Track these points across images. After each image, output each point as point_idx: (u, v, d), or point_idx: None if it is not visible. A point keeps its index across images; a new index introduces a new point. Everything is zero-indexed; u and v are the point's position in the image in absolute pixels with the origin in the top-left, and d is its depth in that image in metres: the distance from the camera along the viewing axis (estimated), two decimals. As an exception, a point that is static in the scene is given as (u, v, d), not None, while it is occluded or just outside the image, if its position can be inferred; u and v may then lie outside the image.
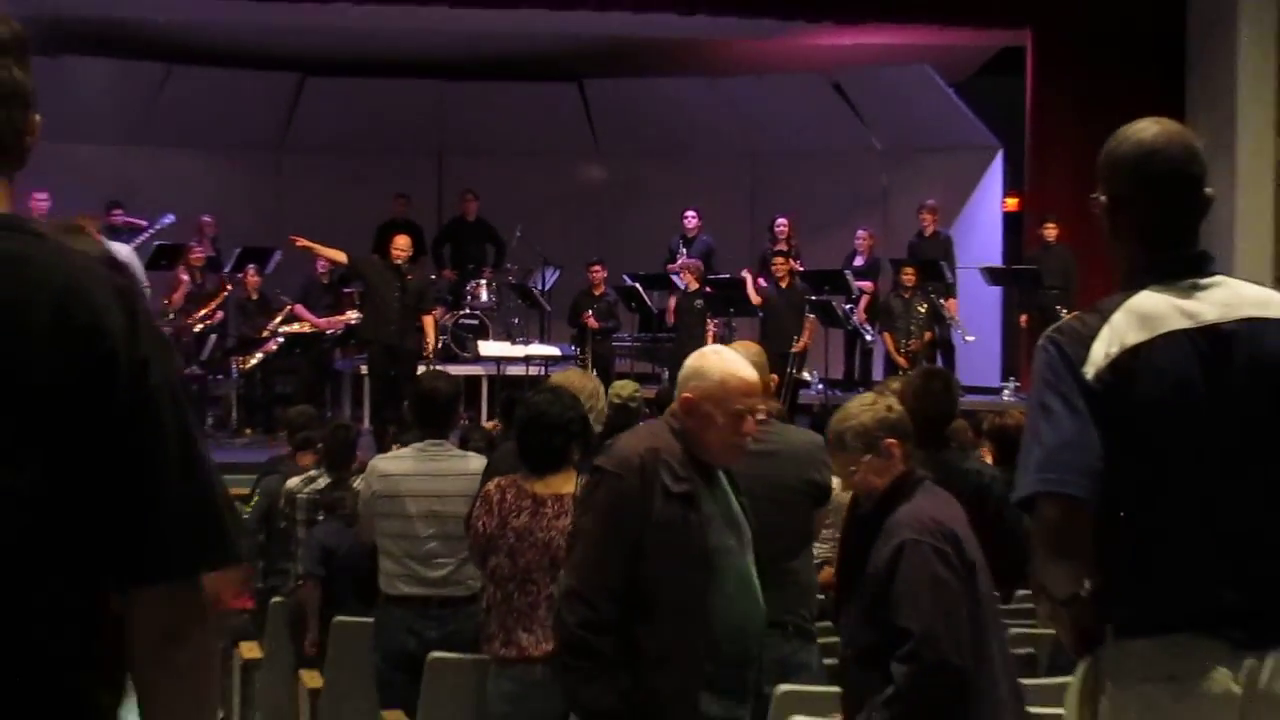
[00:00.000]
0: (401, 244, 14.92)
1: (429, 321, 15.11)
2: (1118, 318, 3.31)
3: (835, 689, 4.88)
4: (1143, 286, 3.35)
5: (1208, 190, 3.44)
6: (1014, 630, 7.27)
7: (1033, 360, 3.44)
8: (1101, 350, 3.28)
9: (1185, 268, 3.39)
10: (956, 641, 4.38)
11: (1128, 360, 3.27)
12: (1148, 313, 3.31)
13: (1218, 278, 3.39)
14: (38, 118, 2.34)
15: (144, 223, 15.39)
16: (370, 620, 7.57)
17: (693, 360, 4.92)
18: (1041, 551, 3.35)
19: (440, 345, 15.91)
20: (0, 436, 2.11)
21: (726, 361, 4.94)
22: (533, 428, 5.84)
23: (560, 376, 7.56)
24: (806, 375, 15.98)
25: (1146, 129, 3.46)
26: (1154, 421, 3.28)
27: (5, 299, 2.13)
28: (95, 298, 2.16)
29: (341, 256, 15.26)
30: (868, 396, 4.93)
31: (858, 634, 4.59)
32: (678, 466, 4.72)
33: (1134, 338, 3.28)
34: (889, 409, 4.69)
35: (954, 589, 4.42)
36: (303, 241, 15.21)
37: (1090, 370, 3.27)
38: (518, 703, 5.72)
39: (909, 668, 4.33)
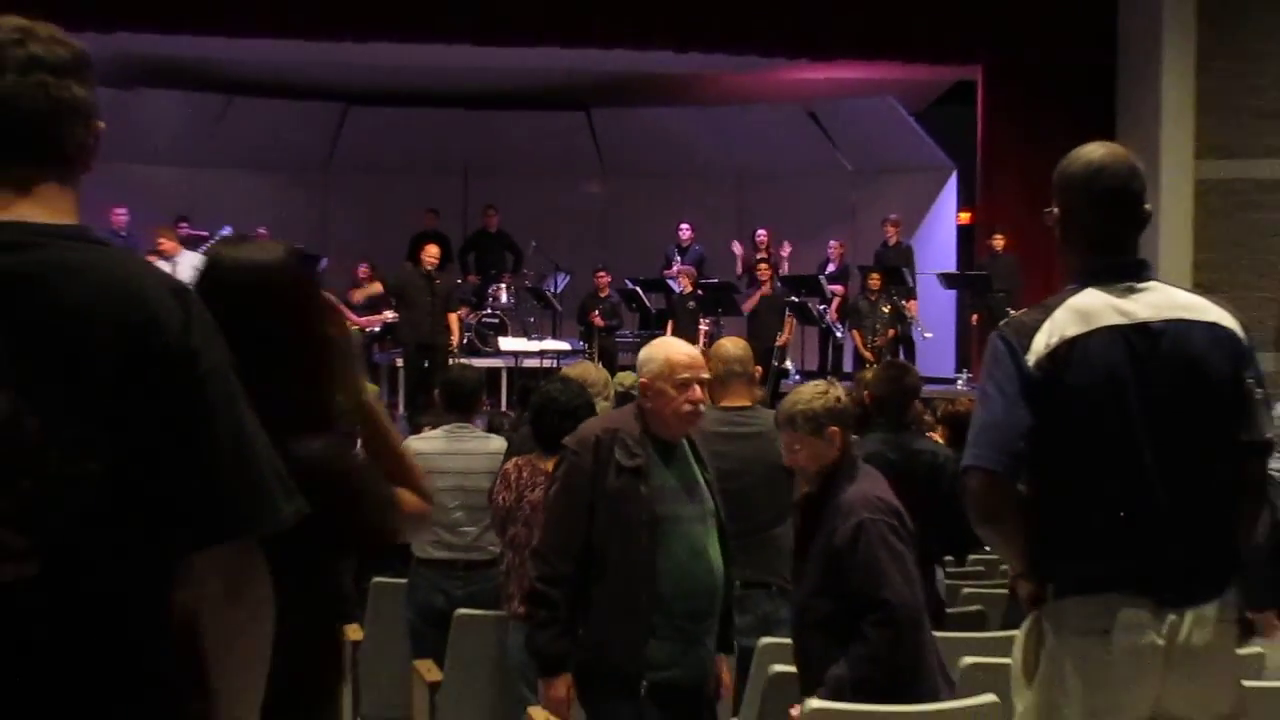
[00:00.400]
0: (432, 253, 15.03)
1: (454, 319, 15.15)
2: (1059, 313, 3.34)
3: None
4: (1085, 287, 3.38)
5: (1146, 206, 3.48)
6: (965, 590, 7.28)
7: (985, 350, 3.47)
8: (1043, 341, 3.31)
9: (1124, 272, 3.41)
10: (918, 601, 4.44)
11: (1065, 350, 3.30)
12: (1086, 309, 3.34)
13: (1152, 282, 3.42)
14: (101, 124, 2.29)
15: (206, 234, 15.37)
16: (404, 581, 7.57)
17: (642, 353, 5.07)
18: (970, 517, 3.40)
19: (465, 341, 16.04)
20: (74, 425, 2.07)
21: (666, 345, 5.18)
22: (545, 413, 5.85)
23: (571, 369, 7.55)
24: (788, 365, 15.99)
25: (1094, 150, 3.51)
26: (1086, 404, 3.30)
27: (73, 303, 2.10)
28: (150, 298, 2.13)
29: (378, 287, 15.26)
30: (820, 384, 4.91)
31: (814, 604, 4.58)
32: (632, 444, 4.83)
33: (1073, 330, 3.31)
34: (838, 400, 4.68)
35: (907, 557, 4.45)
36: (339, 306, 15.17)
37: (1032, 358, 3.30)
38: None
39: (885, 630, 4.33)
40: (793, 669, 4.71)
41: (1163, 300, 3.39)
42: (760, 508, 5.46)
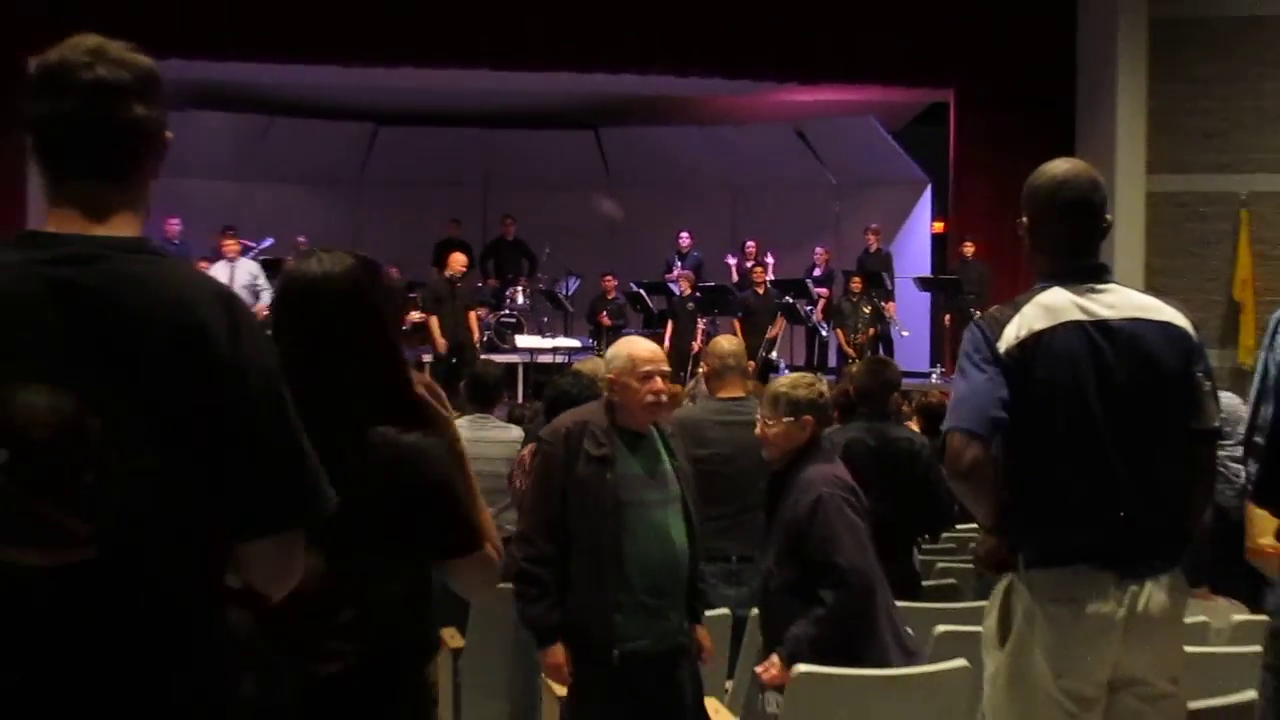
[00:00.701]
0: (460, 260, 15.07)
1: (472, 317, 15.14)
2: (1028, 309, 3.37)
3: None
4: (1051, 286, 3.41)
5: (1108, 216, 3.54)
6: (939, 565, 7.27)
7: (963, 339, 3.49)
8: (1013, 332, 3.34)
9: (1086, 275, 3.44)
10: (871, 568, 4.50)
11: (1033, 341, 3.32)
12: (1052, 306, 3.36)
13: (1112, 285, 3.45)
14: (169, 135, 2.27)
15: (251, 243, 15.39)
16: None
17: (609, 352, 5.10)
18: (947, 474, 3.40)
19: (484, 339, 16.03)
20: (133, 424, 2.08)
21: (630, 343, 5.16)
22: (558, 404, 5.84)
23: (582, 364, 7.56)
24: (773, 356, 15.99)
25: (1060, 166, 3.56)
26: (1050, 391, 3.32)
27: (132, 312, 2.10)
28: (200, 307, 2.12)
29: (417, 315, 15.25)
30: (809, 377, 4.98)
31: (777, 571, 4.65)
32: (600, 435, 4.83)
33: (1040, 324, 3.34)
34: (820, 394, 4.74)
35: (862, 528, 4.52)
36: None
37: (1003, 346, 3.33)
38: None
39: (839, 592, 4.41)
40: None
41: (1121, 301, 3.42)
42: (752, 489, 5.46)
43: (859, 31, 14.59)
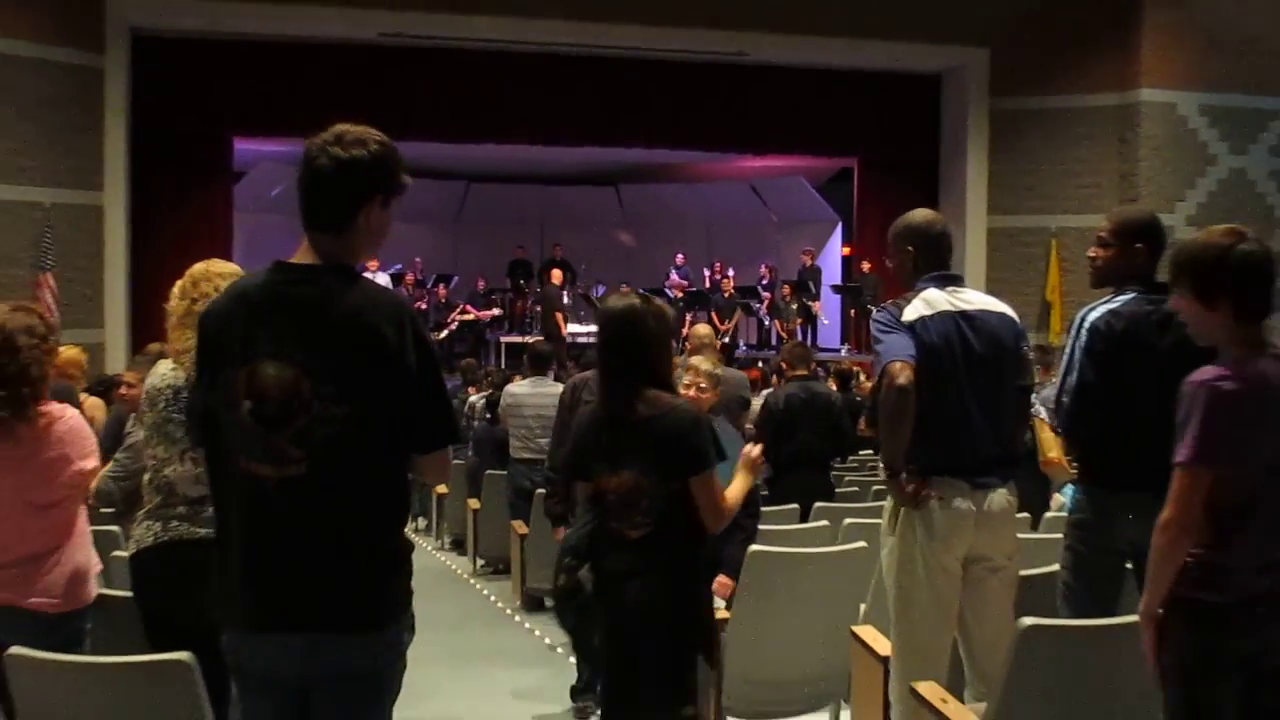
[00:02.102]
0: (558, 275, 15.58)
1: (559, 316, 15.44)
2: (916, 302, 3.35)
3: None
4: (928, 288, 3.38)
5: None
6: (846, 478, 7.24)
7: (871, 321, 3.42)
8: (909, 315, 3.30)
9: (950, 281, 3.43)
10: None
11: (920, 325, 3.28)
12: (930, 301, 3.34)
13: (965, 288, 3.45)
14: (387, 198, 2.32)
15: (382, 261, 15.49)
16: (504, 472, 7.55)
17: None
18: (885, 394, 3.20)
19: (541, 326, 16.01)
20: (329, 387, 2.17)
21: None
22: (586, 368, 5.86)
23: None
24: (735, 341, 16.04)
25: (923, 212, 3.59)
26: (932, 360, 3.26)
27: (333, 315, 2.19)
28: (373, 315, 2.19)
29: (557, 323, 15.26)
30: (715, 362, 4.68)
31: None
32: (593, 387, 4.76)
33: (924, 312, 3.31)
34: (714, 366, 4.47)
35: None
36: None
37: (905, 321, 3.30)
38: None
39: (754, 520, 4.36)
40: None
41: (975, 298, 3.41)
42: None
43: (792, 119, 14.47)
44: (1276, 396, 2.45)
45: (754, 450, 3.34)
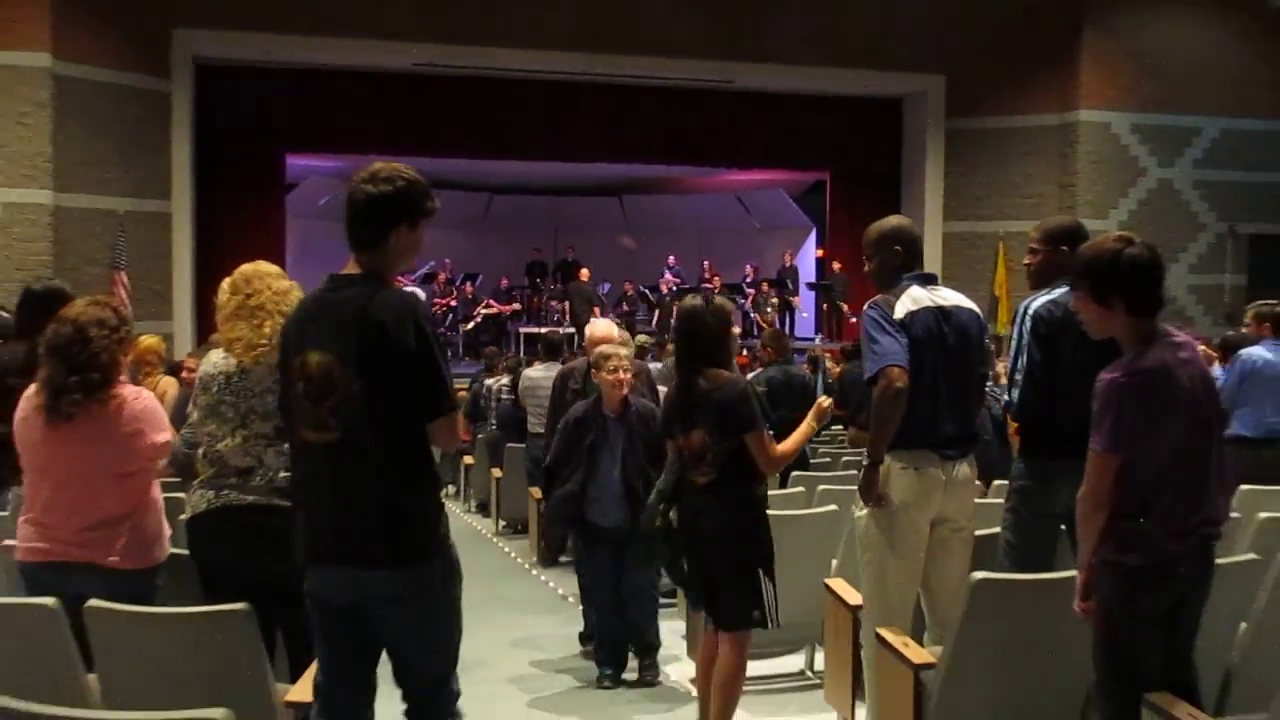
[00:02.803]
0: (585, 273, 15.43)
1: (596, 310, 15.13)
2: (904, 299, 3.29)
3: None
4: (912, 286, 3.33)
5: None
6: (820, 449, 7.23)
7: (863, 316, 3.36)
8: (900, 311, 3.25)
9: (928, 280, 3.39)
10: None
11: (908, 319, 3.24)
12: (916, 298, 3.30)
13: (940, 287, 3.41)
14: (416, 224, 2.47)
15: (417, 264, 15.42)
16: (523, 445, 7.53)
17: (586, 329, 5.15)
18: (880, 395, 3.14)
19: (555, 318, 15.89)
20: (353, 370, 2.34)
21: (593, 325, 5.17)
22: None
23: (635, 338, 7.51)
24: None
25: (895, 218, 3.55)
26: (918, 349, 3.22)
27: (359, 314, 2.34)
28: (379, 311, 2.34)
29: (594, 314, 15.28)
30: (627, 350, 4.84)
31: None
32: (579, 377, 4.90)
33: (912, 308, 3.27)
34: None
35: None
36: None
37: (896, 317, 3.25)
38: None
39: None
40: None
41: (950, 295, 3.38)
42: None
43: (773, 138, 14.44)
44: (1176, 382, 2.45)
45: (825, 402, 3.55)
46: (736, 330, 4.38)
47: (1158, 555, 2.43)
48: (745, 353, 12.81)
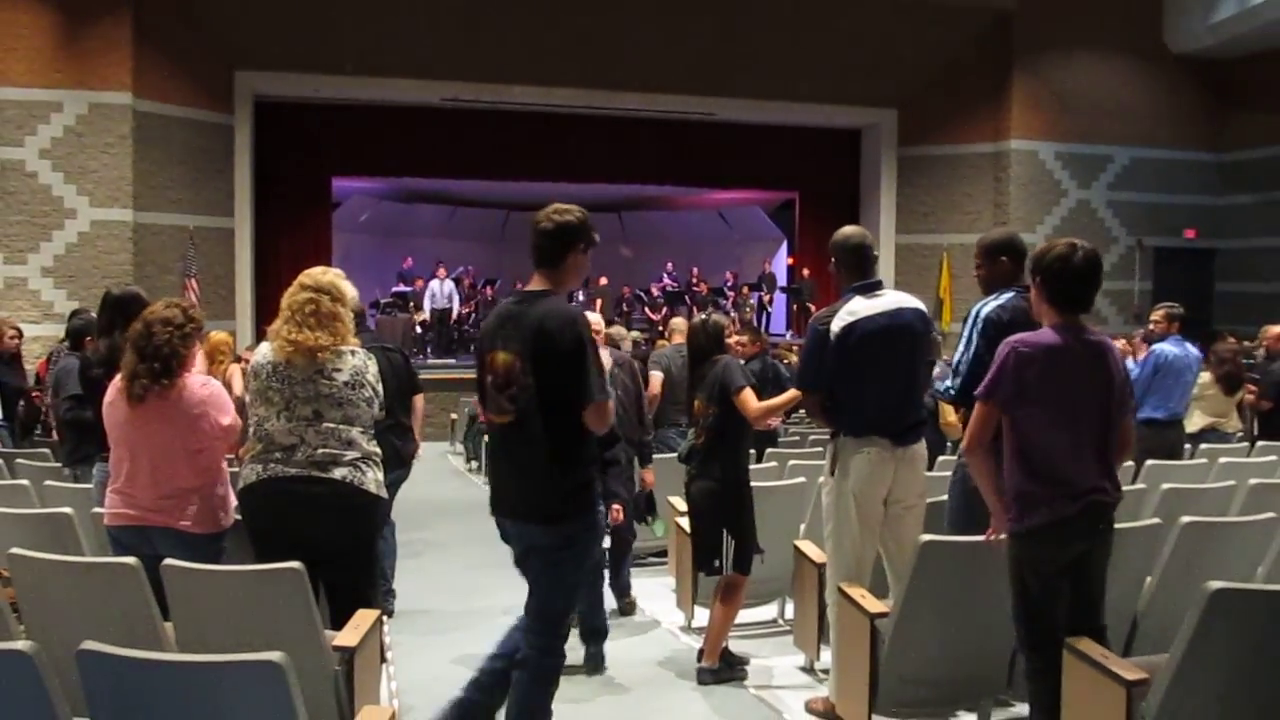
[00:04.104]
0: (604, 280, 15.40)
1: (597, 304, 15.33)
2: (840, 314, 3.25)
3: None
4: (854, 296, 3.30)
5: (877, 254, 3.45)
6: (790, 429, 7.22)
7: (806, 330, 3.37)
8: (837, 325, 3.22)
9: (872, 288, 3.32)
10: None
11: (848, 327, 3.21)
12: (853, 310, 3.25)
13: (887, 291, 3.35)
14: (583, 246, 2.72)
15: (446, 271, 15.34)
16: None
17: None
18: (806, 408, 3.38)
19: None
20: (528, 367, 2.55)
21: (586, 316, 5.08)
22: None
23: (612, 329, 7.50)
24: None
25: (854, 229, 3.46)
26: (860, 351, 3.21)
27: (534, 323, 2.57)
28: (549, 320, 2.57)
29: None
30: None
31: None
32: None
33: (848, 320, 3.23)
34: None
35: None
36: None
37: (833, 330, 3.22)
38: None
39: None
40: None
41: (894, 297, 3.33)
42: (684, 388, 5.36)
43: (750, 163, 14.44)
44: (1068, 359, 2.48)
45: (794, 391, 3.61)
46: (732, 340, 4.24)
47: (1054, 516, 2.44)
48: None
